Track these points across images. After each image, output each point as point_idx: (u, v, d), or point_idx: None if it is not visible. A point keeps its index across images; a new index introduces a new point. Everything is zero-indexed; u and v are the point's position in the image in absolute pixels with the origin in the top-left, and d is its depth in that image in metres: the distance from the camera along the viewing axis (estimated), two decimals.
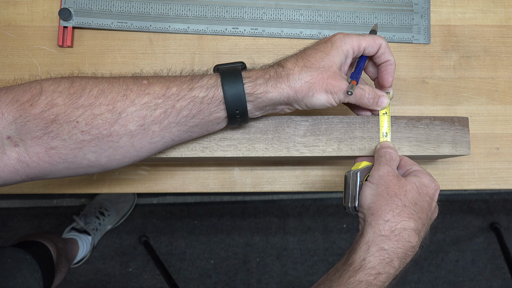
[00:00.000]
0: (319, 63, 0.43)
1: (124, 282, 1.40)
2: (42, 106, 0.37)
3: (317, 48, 0.43)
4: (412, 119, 0.50)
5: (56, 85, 0.38)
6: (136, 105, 0.39)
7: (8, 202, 1.42)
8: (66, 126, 0.38)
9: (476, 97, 0.63)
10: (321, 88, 0.42)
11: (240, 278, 1.43)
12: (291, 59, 0.43)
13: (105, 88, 0.39)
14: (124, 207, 1.38)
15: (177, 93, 0.40)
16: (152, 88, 0.40)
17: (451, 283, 1.47)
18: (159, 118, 0.40)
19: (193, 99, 0.40)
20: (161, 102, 0.39)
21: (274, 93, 0.42)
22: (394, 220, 0.41)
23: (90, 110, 0.38)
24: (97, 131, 0.38)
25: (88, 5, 0.60)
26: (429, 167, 0.62)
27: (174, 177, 0.61)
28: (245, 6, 0.61)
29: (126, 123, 0.39)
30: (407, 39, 0.62)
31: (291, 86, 0.42)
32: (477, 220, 1.49)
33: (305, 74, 0.42)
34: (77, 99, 0.38)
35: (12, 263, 0.67)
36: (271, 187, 0.61)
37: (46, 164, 0.39)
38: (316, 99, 0.43)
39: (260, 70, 0.43)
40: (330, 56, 0.43)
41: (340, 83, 0.43)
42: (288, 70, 0.42)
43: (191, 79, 0.41)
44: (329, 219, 1.47)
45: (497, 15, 0.64)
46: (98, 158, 0.40)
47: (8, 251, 0.71)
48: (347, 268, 0.40)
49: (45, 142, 0.38)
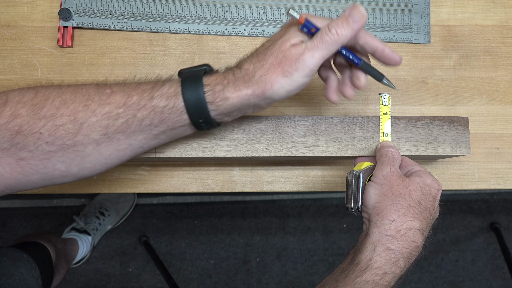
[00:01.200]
0: (271, 50, 0.39)
1: (124, 282, 1.40)
2: (6, 117, 0.37)
3: (272, 38, 0.40)
4: (412, 119, 0.50)
5: (20, 96, 0.38)
6: (97, 115, 0.38)
7: (8, 202, 1.42)
8: (30, 138, 0.38)
9: (476, 97, 0.63)
10: (277, 75, 0.38)
11: (240, 278, 1.43)
12: (249, 57, 0.40)
13: (68, 98, 0.39)
14: (124, 207, 1.37)
15: (138, 102, 0.39)
16: (114, 98, 0.39)
17: (451, 283, 1.47)
18: (122, 127, 0.39)
19: (154, 109, 0.39)
20: (122, 112, 0.39)
21: (234, 99, 0.39)
22: (399, 220, 0.41)
23: (52, 121, 0.38)
24: (61, 141, 0.38)
25: (88, 5, 0.60)
26: (429, 167, 0.62)
27: (174, 177, 0.60)
28: (245, 6, 0.61)
29: (89, 132, 0.39)
30: (407, 39, 0.62)
31: (249, 87, 0.39)
32: (477, 220, 1.49)
33: (259, 69, 0.39)
34: (40, 109, 0.38)
35: (8, 261, 0.67)
36: (271, 187, 0.61)
37: (19, 175, 0.39)
38: (277, 89, 0.39)
39: (220, 75, 0.40)
40: (282, 38, 0.39)
41: (295, 53, 0.38)
42: (244, 71, 0.39)
43: (153, 87, 0.40)
44: (329, 219, 1.47)
45: (497, 15, 0.64)
46: (68, 168, 0.40)
47: (4, 250, 0.71)
48: (353, 268, 0.40)
49: (14, 154, 0.38)
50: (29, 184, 0.40)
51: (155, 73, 0.60)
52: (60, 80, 0.59)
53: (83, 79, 0.60)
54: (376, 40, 0.41)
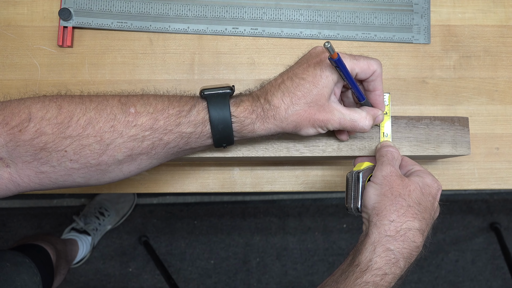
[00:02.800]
0: (306, 98, 0.41)
1: (124, 282, 1.40)
2: (31, 134, 0.37)
3: (305, 78, 0.41)
4: (412, 119, 0.50)
5: (44, 111, 0.38)
6: (123, 137, 0.39)
7: (8, 202, 1.42)
8: (55, 154, 0.38)
9: (476, 97, 0.63)
10: (308, 124, 0.42)
11: (240, 278, 1.43)
12: (278, 92, 0.41)
13: (93, 117, 0.39)
14: (124, 207, 1.37)
15: (164, 126, 0.40)
16: (140, 120, 0.40)
17: (451, 283, 1.47)
18: (147, 149, 0.40)
19: (181, 134, 0.41)
20: (148, 135, 0.40)
21: (261, 131, 0.42)
22: (399, 220, 0.41)
23: (78, 141, 0.38)
24: (86, 160, 0.39)
25: (88, 5, 0.60)
26: (429, 167, 0.62)
27: (174, 177, 0.60)
28: (245, 6, 0.61)
29: (114, 153, 0.39)
30: (407, 39, 0.62)
31: (278, 125, 0.42)
32: (477, 220, 1.49)
33: (292, 112, 0.41)
34: (65, 129, 0.38)
35: (11, 267, 0.67)
36: (271, 187, 0.61)
37: (36, 185, 0.40)
38: (304, 132, 0.43)
39: (248, 106, 0.41)
40: (318, 88, 0.41)
41: (328, 116, 0.42)
42: (274, 109, 0.41)
43: (179, 112, 0.40)
44: (329, 219, 1.47)
45: (497, 15, 0.64)
46: (87, 182, 0.41)
47: (7, 254, 0.71)
48: (353, 269, 0.40)
49: (35, 167, 0.38)
50: (41, 189, 0.41)
51: (156, 73, 0.60)
52: (60, 80, 0.59)
53: (83, 79, 0.60)
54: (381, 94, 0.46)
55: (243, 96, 0.43)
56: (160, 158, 0.42)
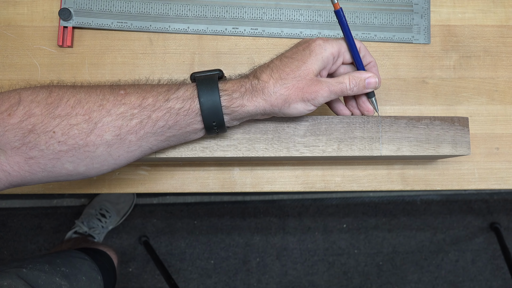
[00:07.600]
0: (295, 73, 0.42)
1: (124, 282, 1.40)
2: (19, 116, 0.37)
3: (293, 57, 0.43)
4: (412, 119, 0.50)
5: (34, 95, 0.39)
6: (112, 115, 0.39)
7: (8, 202, 1.42)
8: (43, 137, 0.38)
9: (476, 97, 0.63)
10: (297, 98, 0.42)
11: (240, 278, 1.43)
12: (267, 69, 0.43)
13: (82, 98, 0.39)
14: (124, 207, 1.38)
15: (153, 103, 0.40)
16: (129, 98, 0.40)
17: (451, 283, 1.47)
18: (135, 128, 0.40)
19: (169, 110, 0.40)
20: (137, 112, 0.40)
21: (250, 107, 0.42)
22: None
23: (67, 120, 0.38)
24: (74, 141, 0.39)
25: (88, 5, 0.60)
26: (429, 167, 0.62)
27: (174, 177, 0.61)
28: (245, 6, 0.61)
29: (102, 133, 0.39)
30: (407, 39, 0.62)
31: (266, 100, 0.42)
32: (477, 220, 1.49)
33: (280, 86, 0.42)
34: (54, 109, 0.38)
35: (86, 281, 0.70)
36: (271, 187, 0.61)
37: (26, 173, 0.39)
38: (293, 108, 0.43)
39: (237, 82, 0.43)
40: (307, 64, 0.43)
41: (317, 88, 0.43)
42: (263, 83, 0.42)
43: (168, 90, 0.41)
44: (329, 219, 1.47)
45: (497, 15, 0.64)
46: (76, 168, 0.41)
47: (84, 268, 0.73)
48: None
49: (24, 152, 0.38)
50: (33, 181, 0.41)
51: (156, 73, 0.60)
52: (60, 80, 0.59)
53: (83, 79, 0.60)
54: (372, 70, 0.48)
55: (232, 78, 0.44)
56: (150, 142, 0.42)
